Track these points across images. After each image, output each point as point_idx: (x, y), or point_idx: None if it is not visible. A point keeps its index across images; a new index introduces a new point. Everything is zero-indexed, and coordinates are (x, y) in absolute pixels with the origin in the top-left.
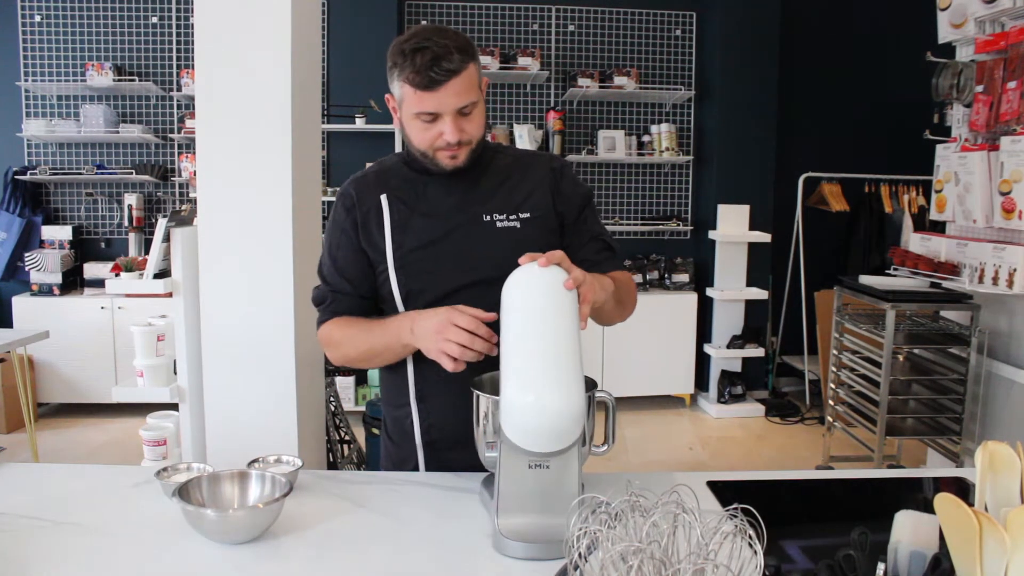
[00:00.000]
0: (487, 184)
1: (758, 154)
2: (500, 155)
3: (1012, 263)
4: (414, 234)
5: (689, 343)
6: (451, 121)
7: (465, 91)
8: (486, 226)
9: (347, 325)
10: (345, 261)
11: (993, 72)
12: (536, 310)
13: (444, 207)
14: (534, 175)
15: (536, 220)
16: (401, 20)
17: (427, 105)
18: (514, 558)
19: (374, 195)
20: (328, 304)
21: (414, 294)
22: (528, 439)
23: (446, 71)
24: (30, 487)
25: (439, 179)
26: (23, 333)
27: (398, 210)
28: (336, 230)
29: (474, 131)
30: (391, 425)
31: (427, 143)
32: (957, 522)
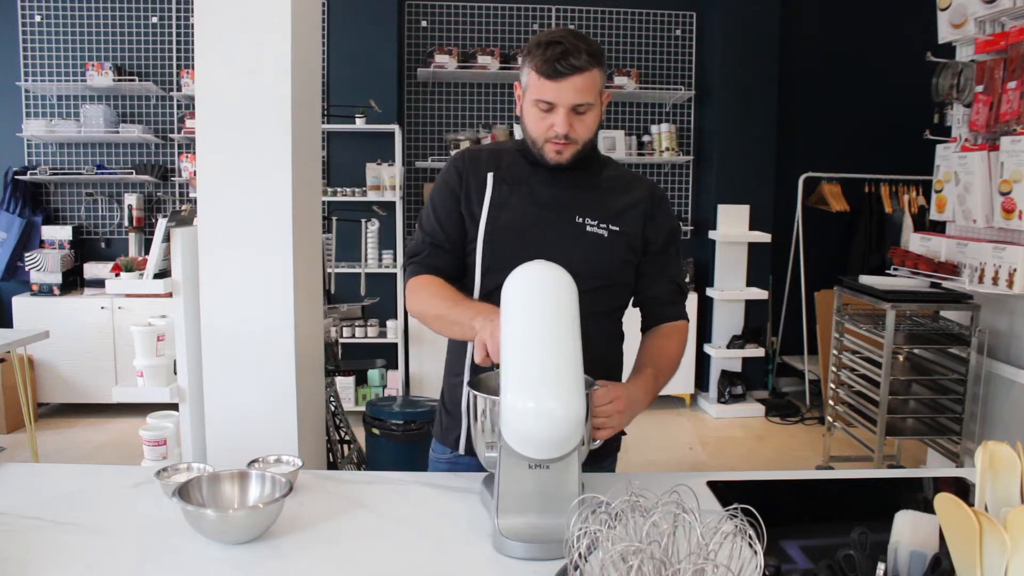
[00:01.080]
0: (589, 188)
1: (758, 154)
2: (608, 166)
3: (1012, 263)
4: (508, 216)
5: (689, 343)
6: (564, 114)
7: (584, 90)
8: (577, 227)
9: (439, 287)
10: (447, 217)
11: (993, 72)
12: (536, 313)
13: (543, 198)
14: (634, 194)
15: (624, 235)
16: (401, 20)
17: (546, 94)
18: (514, 558)
19: (483, 171)
20: (424, 256)
21: (492, 272)
22: (528, 446)
23: (571, 66)
24: (30, 487)
25: (546, 172)
26: (23, 333)
27: (500, 191)
28: (444, 188)
29: (583, 132)
30: (447, 393)
31: (539, 132)
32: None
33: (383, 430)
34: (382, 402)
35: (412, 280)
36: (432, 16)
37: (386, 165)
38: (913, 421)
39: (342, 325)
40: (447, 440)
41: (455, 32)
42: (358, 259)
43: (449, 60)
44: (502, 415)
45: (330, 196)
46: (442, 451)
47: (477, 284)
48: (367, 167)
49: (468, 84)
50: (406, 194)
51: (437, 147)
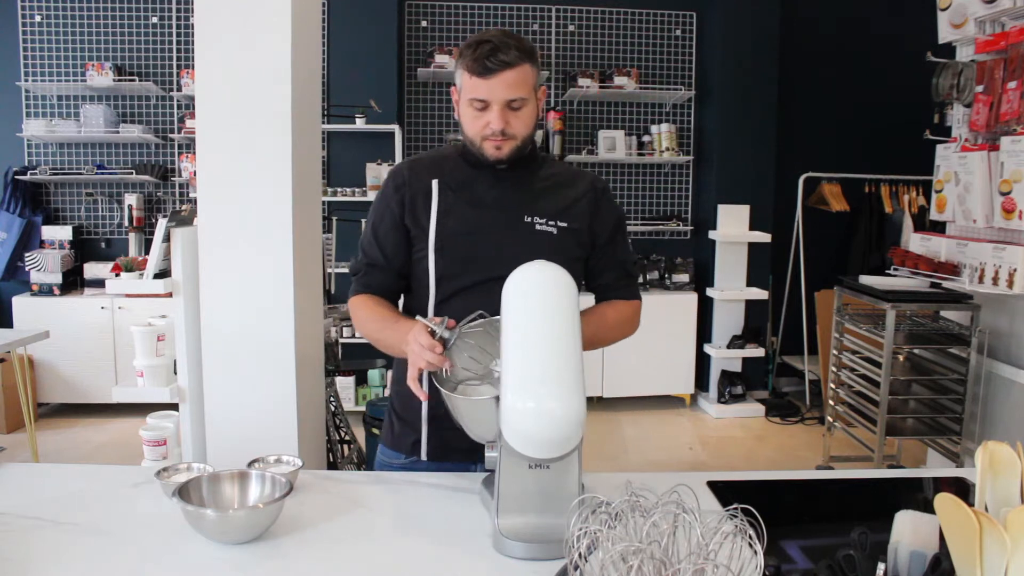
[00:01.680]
0: (533, 187)
1: (758, 154)
2: (548, 164)
3: (1012, 263)
4: (457, 221)
5: (689, 343)
6: (498, 111)
7: (516, 85)
8: (525, 226)
9: (371, 308)
10: (385, 236)
11: (993, 72)
12: (536, 314)
13: (489, 200)
14: (578, 189)
15: (572, 231)
16: (401, 20)
17: (479, 91)
18: (514, 558)
19: (426, 178)
20: (361, 275)
21: (447, 278)
22: (528, 446)
23: (501, 62)
24: (30, 487)
25: (490, 173)
26: (23, 333)
27: (446, 196)
28: (382, 205)
29: (520, 128)
30: (399, 401)
31: (476, 131)
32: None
33: None
34: (382, 402)
35: (351, 301)
36: (432, 16)
37: (386, 165)
38: (913, 421)
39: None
40: (401, 447)
41: (455, 32)
42: None
43: (449, 60)
44: (502, 415)
45: (330, 196)
46: (394, 456)
47: (432, 292)
48: (367, 167)
49: None
50: None
51: (437, 147)
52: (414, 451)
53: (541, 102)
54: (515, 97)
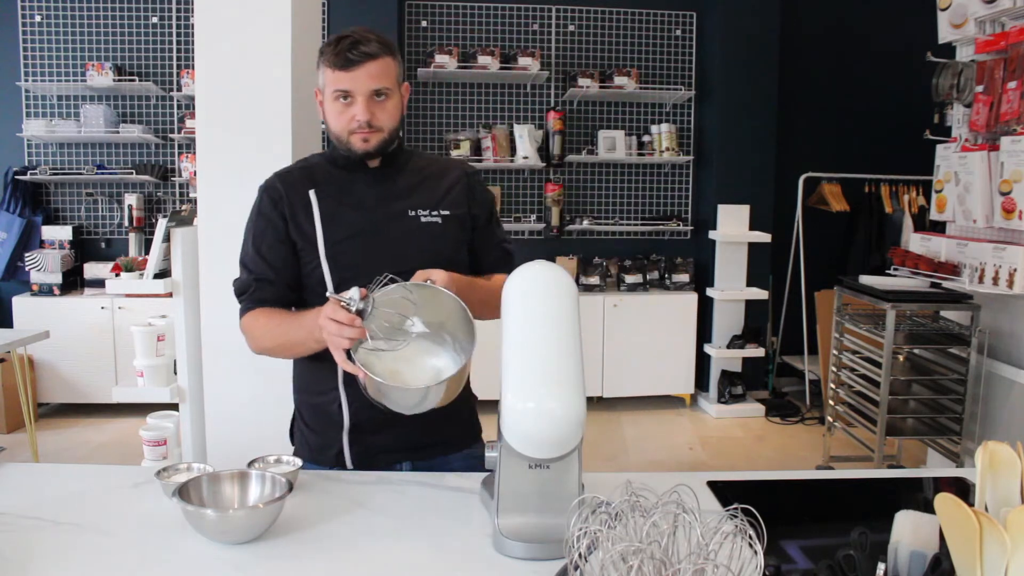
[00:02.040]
0: (407, 181)
1: (758, 154)
2: (416, 157)
3: (1012, 263)
4: (344, 226)
5: (689, 343)
6: (363, 102)
7: (380, 76)
8: (410, 220)
9: (268, 316)
10: (271, 251)
11: (993, 72)
12: (536, 314)
13: (370, 200)
14: (450, 177)
15: (455, 218)
16: (401, 20)
17: (342, 83)
18: (514, 558)
19: (302, 190)
20: (252, 292)
21: (345, 282)
22: (528, 445)
23: (363, 53)
24: (30, 487)
25: (363, 175)
26: (23, 333)
27: (327, 203)
28: (262, 221)
29: (386, 120)
30: (310, 413)
31: (342, 125)
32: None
33: None
34: None
35: (243, 320)
36: (432, 16)
37: None
38: (913, 421)
39: None
40: (323, 460)
41: (455, 32)
42: None
43: (449, 60)
44: (502, 415)
45: None
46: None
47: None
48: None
49: (468, 84)
50: None
51: (437, 147)
52: (338, 462)
53: (405, 97)
54: (379, 87)
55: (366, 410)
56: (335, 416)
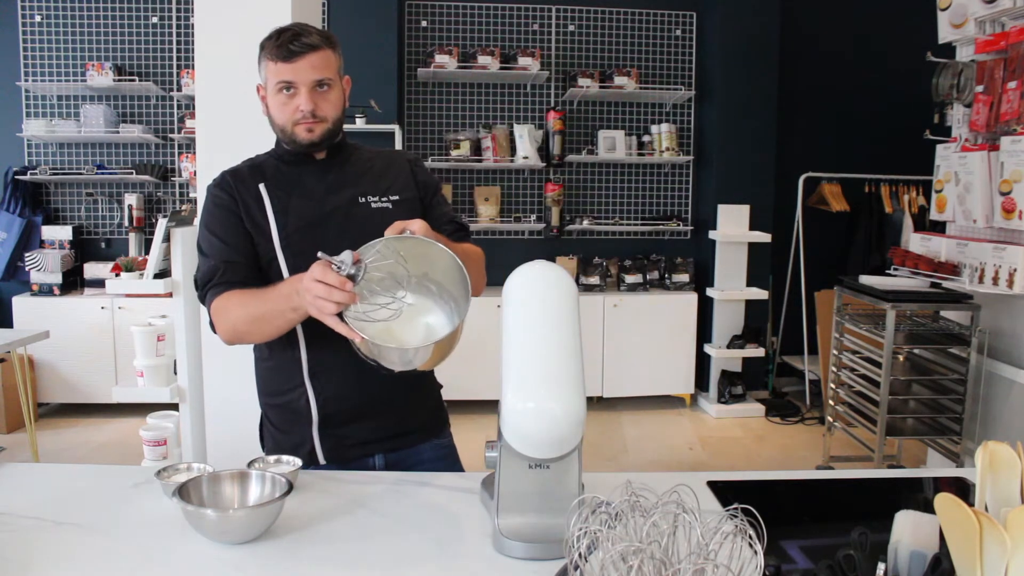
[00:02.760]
0: (354, 171)
1: (758, 154)
2: (360, 150)
3: (1012, 263)
4: (296, 216)
5: (689, 343)
6: (306, 92)
7: (322, 67)
8: (362, 207)
9: (240, 294)
10: (233, 236)
11: (993, 72)
12: (536, 314)
13: (319, 191)
14: (395, 165)
15: (405, 202)
16: (401, 20)
17: (284, 74)
18: (514, 558)
19: (251, 185)
20: (221, 274)
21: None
22: (528, 445)
23: (305, 44)
24: (30, 487)
25: (310, 167)
26: (23, 333)
27: (277, 196)
28: (219, 211)
29: (329, 110)
30: (276, 414)
31: (286, 117)
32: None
33: None
34: None
35: (213, 303)
36: (432, 16)
37: None
38: (913, 421)
39: None
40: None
41: (455, 32)
42: None
43: (449, 60)
44: (501, 415)
45: None
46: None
47: None
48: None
49: (468, 84)
50: None
51: (437, 147)
52: (311, 460)
53: (347, 90)
54: (322, 78)
55: (334, 402)
56: (303, 412)
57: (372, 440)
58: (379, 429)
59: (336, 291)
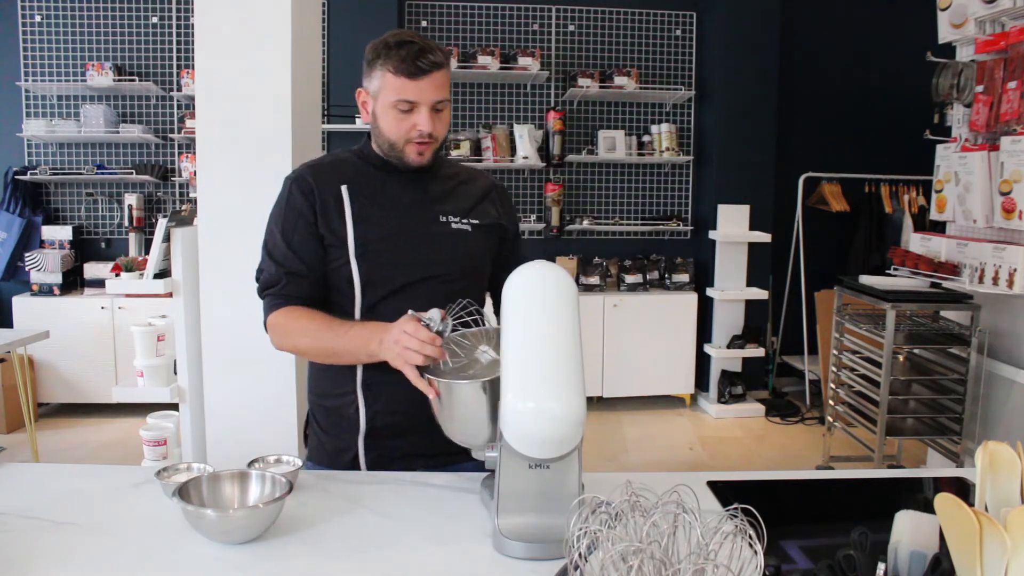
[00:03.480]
0: (439, 187)
1: (758, 154)
2: (446, 164)
3: (1012, 263)
4: (376, 226)
5: (689, 343)
6: (427, 112)
7: (442, 87)
8: (442, 226)
9: (309, 318)
10: (302, 244)
11: (993, 72)
12: (536, 314)
13: (403, 204)
14: (480, 187)
15: (484, 228)
16: (401, 20)
17: (408, 93)
18: (514, 558)
19: (333, 185)
20: (282, 286)
21: (372, 283)
22: (528, 445)
23: (431, 63)
24: (30, 487)
25: (395, 177)
26: (23, 333)
27: (359, 202)
28: (292, 213)
29: (442, 130)
30: (324, 416)
31: (400, 134)
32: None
33: None
34: None
35: (274, 315)
36: (432, 16)
37: None
38: (913, 421)
39: None
40: (337, 463)
41: (455, 32)
42: None
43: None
44: (502, 416)
45: None
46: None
47: (357, 299)
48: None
49: (468, 84)
50: None
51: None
52: (353, 466)
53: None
54: (442, 99)
55: (383, 415)
56: (352, 420)
57: (416, 455)
58: (424, 445)
59: (428, 346)
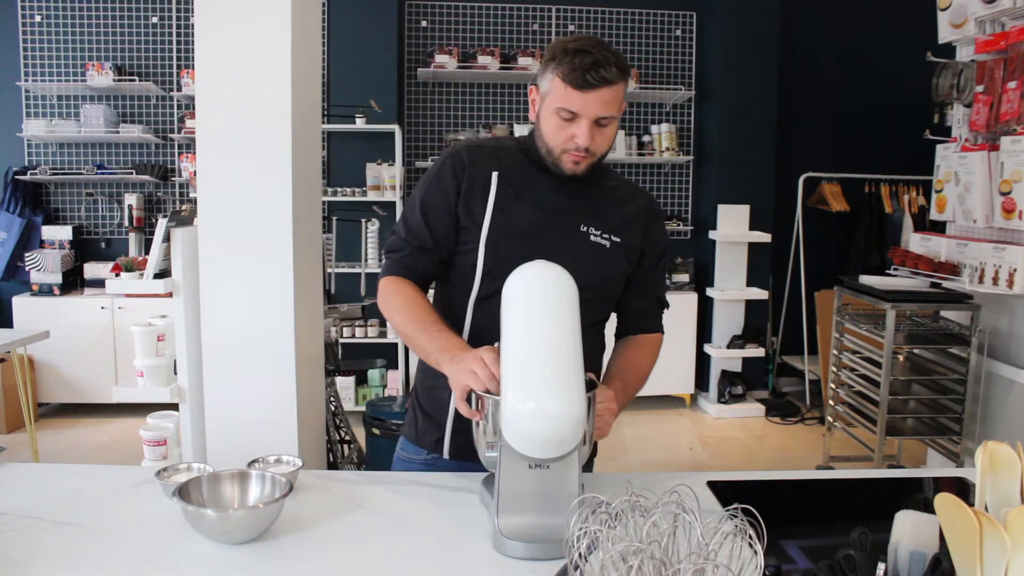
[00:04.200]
0: (591, 197)
1: (758, 154)
2: (609, 176)
3: (1012, 263)
4: (514, 220)
5: (689, 343)
6: (587, 126)
7: (610, 103)
8: (581, 236)
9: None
10: (436, 219)
11: (993, 72)
12: (536, 313)
13: (548, 204)
14: (634, 205)
15: (624, 247)
16: (401, 20)
17: (572, 103)
18: (514, 558)
19: (486, 169)
20: (403, 255)
21: (494, 275)
22: (528, 445)
23: (601, 78)
24: (30, 487)
25: (548, 176)
26: (23, 333)
27: (504, 192)
28: (436, 186)
29: (603, 145)
30: (425, 394)
31: (558, 141)
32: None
33: (383, 430)
34: (382, 402)
35: (386, 279)
36: (432, 16)
37: (386, 165)
38: (913, 421)
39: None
40: (424, 442)
41: (455, 32)
42: (358, 259)
43: (449, 60)
44: (502, 415)
45: (330, 196)
46: (416, 452)
47: (476, 285)
48: (367, 167)
49: (468, 84)
50: (406, 194)
51: (437, 147)
52: (436, 448)
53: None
54: (607, 115)
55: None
56: (443, 404)
57: None
58: None
59: (493, 382)
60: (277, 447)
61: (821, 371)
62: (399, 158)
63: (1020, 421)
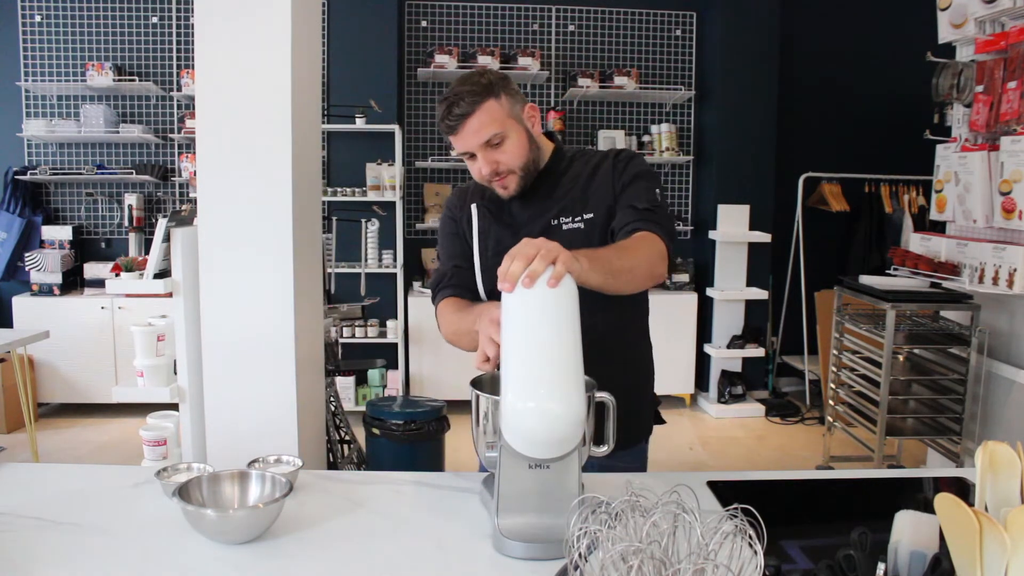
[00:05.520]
0: (560, 192)
1: (758, 154)
2: (577, 162)
3: (1012, 263)
4: (495, 241)
5: (689, 343)
6: (481, 156)
7: (483, 127)
8: (553, 230)
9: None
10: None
11: (993, 72)
12: (536, 313)
13: (522, 217)
14: (600, 173)
15: (598, 219)
16: (401, 20)
17: (457, 146)
18: (514, 558)
19: (468, 204)
20: (448, 279)
21: (493, 297)
22: (528, 445)
23: (457, 116)
24: (30, 487)
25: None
26: (23, 333)
27: (484, 219)
28: (447, 234)
29: (510, 160)
30: None
31: (479, 178)
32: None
33: (383, 430)
34: (382, 402)
35: (439, 308)
36: (432, 16)
37: (386, 165)
38: (913, 421)
39: (342, 325)
40: None
41: (455, 32)
42: (358, 259)
43: (449, 60)
44: (501, 415)
45: (330, 196)
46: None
47: None
48: (367, 167)
49: None
50: (406, 194)
51: (437, 147)
52: None
53: (535, 119)
54: (488, 137)
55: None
56: None
57: None
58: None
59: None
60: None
61: (821, 371)
62: (399, 158)
63: (1020, 421)
